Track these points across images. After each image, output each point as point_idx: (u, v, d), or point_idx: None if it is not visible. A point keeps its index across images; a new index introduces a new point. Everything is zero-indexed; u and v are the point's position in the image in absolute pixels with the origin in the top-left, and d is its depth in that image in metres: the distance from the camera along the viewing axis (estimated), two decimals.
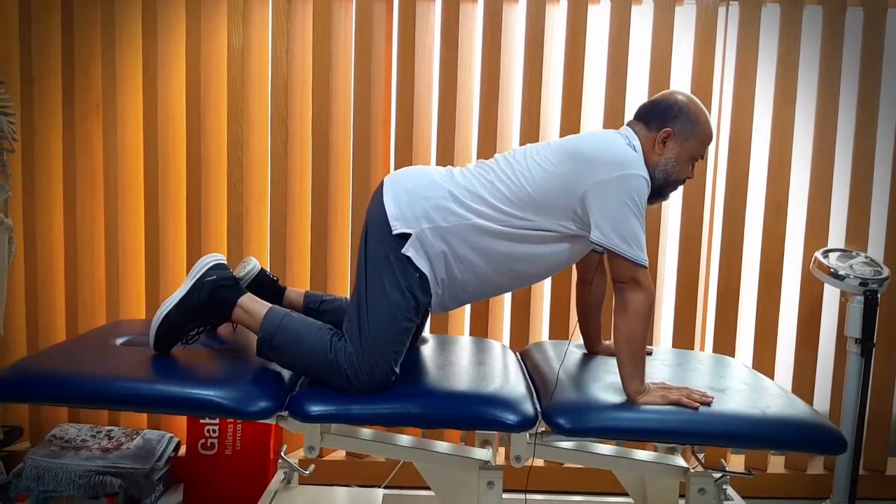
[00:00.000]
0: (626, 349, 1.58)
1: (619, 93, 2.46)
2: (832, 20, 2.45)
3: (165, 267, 2.53)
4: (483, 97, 2.46)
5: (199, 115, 2.48)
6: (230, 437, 2.37)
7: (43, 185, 2.52)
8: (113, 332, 1.82)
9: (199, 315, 1.61)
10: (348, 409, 1.52)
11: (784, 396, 1.70)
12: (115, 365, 1.54)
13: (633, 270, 1.57)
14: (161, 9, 2.46)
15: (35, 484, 2.17)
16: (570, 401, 1.57)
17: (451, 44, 2.44)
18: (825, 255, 2.37)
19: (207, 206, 2.52)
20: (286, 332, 1.58)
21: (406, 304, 1.59)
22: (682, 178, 1.73)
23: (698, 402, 1.56)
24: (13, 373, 1.49)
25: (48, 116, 2.51)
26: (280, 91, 2.47)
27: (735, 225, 2.50)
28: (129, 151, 2.53)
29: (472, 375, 1.69)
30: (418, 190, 1.63)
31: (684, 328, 2.52)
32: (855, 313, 2.28)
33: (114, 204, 2.51)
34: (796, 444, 1.54)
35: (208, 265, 1.64)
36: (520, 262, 1.64)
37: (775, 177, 2.49)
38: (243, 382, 1.50)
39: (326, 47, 2.45)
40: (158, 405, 1.45)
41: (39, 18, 2.47)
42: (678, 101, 1.69)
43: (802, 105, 2.54)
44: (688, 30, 2.52)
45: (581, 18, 2.43)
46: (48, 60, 2.49)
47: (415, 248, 1.59)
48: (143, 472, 2.24)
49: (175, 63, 2.51)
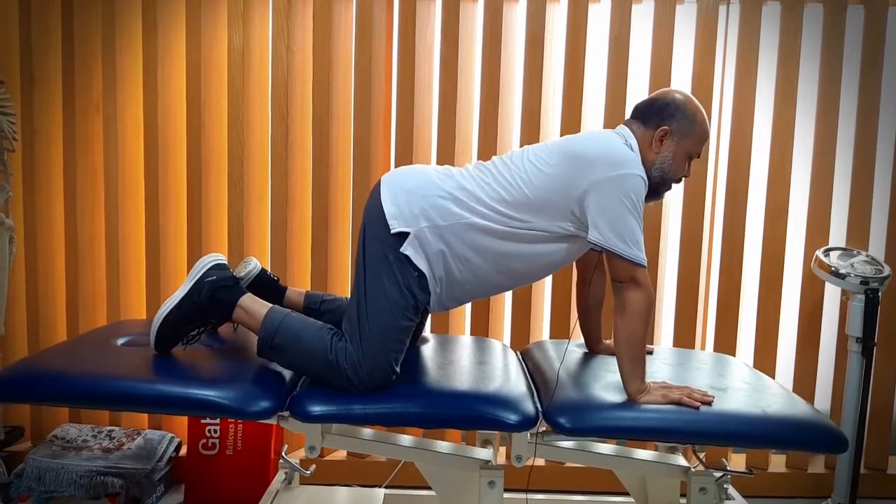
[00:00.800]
0: (626, 349, 1.58)
1: (620, 92, 2.45)
2: (833, 18, 2.44)
3: (166, 267, 2.53)
4: (483, 96, 2.46)
5: (199, 115, 2.47)
6: (231, 437, 2.37)
7: (43, 185, 2.52)
8: (114, 332, 1.82)
9: (199, 315, 1.61)
10: (349, 409, 1.52)
11: (785, 395, 1.70)
12: (116, 365, 1.54)
13: (632, 270, 1.57)
14: (161, 8, 2.46)
15: (36, 484, 2.18)
16: (570, 400, 1.57)
17: (451, 43, 2.44)
18: (826, 254, 2.37)
19: (208, 206, 2.52)
20: (286, 332, 1.58)
21: (405, 302, 1.59)
22: (679, 177, 1.73)
23: (699, 401, 1.56)
24: (14, 373, 1.49)
25: (49, 116, 2.51)
26: (280, 90, 2.47)
27: (736, 223, 2.50)
28: (129, 151, 2.53)
29: (472, 375, 1.69)
30: (416, 189, 1.63)
31: (685, 327, 2.52)
32: (856, 312, 2.28)
33: (114, 203, 2.51)
34: (797, 444, 1.54)
35: (208, 265, 1.64)
36: (518, 261, 1.64)
37: (776, 176, 2.49)
38: (244, 382, 1.50)
39: (327, 46, 2.45)
40: (159, 405, 1.45)
41: (39, 18, 2.47)
42: (675, 100, 1.69)
43: (803, 104, 2.54)
44: (688, 28, 2.52)
45: (581, 17, 2.43)
46: (48, 60, 2.49)
47: (413, 246, 1.59)
48: (145, 473, 2.24)
49: (175, 62, 2.51)
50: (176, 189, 2.54)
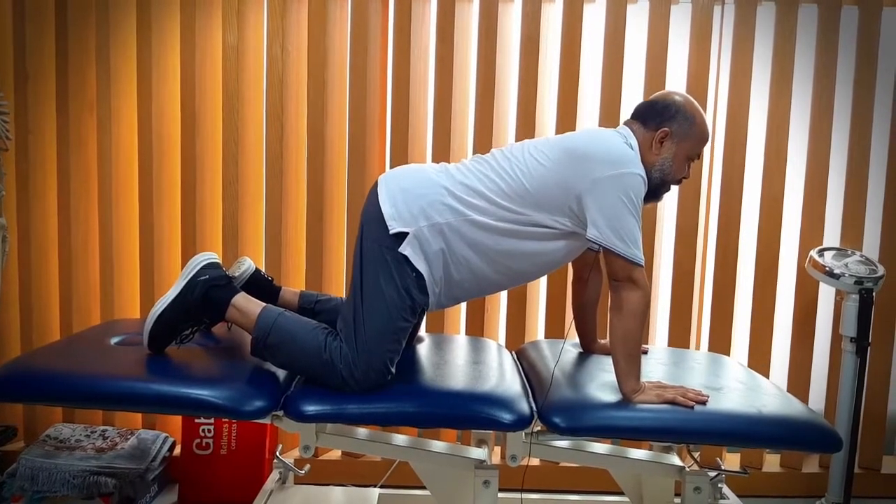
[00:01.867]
0: (621, 348, 1.58)
1: (615, 91, 2.45)
2: (827, 19, 2.45)
3: (160, 266, 2.52)
4: (479, 95, 2.46)
5: (193, 114, 2.47)
6: (225, 436, 2.36)
7: (37, 184, 2.51)
8: (107, 331, 1.82)
9: (192, 314, 1.61)
10: (344, 409, 1.52)
11: (779, 395, 1.70)
12: (109, 364, 1.53)
13: (629, 269, 1.57)
14: (156, 7, 2.45)
15: (29, 484, 2.17)
16: (565, 400, 1.57)
17: (446, 42, 2.44)
18: (820, 254, 2.37)
19: (202, 205, 2.51)
20: (280, 331, 1.57)
21: (402, 303, 1.58)
22: (679, 179, 1.74)
23: (694, 400, 1.56)
24: (7, 372, 1.48)
25: (42, 115, 2.50)
26: (275, 90, 2.46)
27: (730, 223, 2.50)
28: (123, 150, 2.52)
29: (467, 375, 1.69)
30: (414, 188, 1.63)
31: (680, 327, 2.52)
32: (850, 312, 2.29)
33: (108, 203, 2.50)
34: (791, 443, 1.55)
35: (201, 264, 1.63)
36: (516, 259, 1.64)
37: (771, 175, 2.50)
38: (238, 382, 1.50)
39: (322, 45, 2.45)
40: (153, 405, 1.45)
41: (33, 17, 2.45)
42: (675, 102, 1.70)
43: (798, 103, 2.54)
44: (683, 28, 2.52)
45: (577, 16, 2.43)
46: (42, 59, 2.48)
47: (412, 246, 1.59)
48: (138, 472, 2.23)
49: (170, 62, 2.50)
50: (170, 188, 2.53)
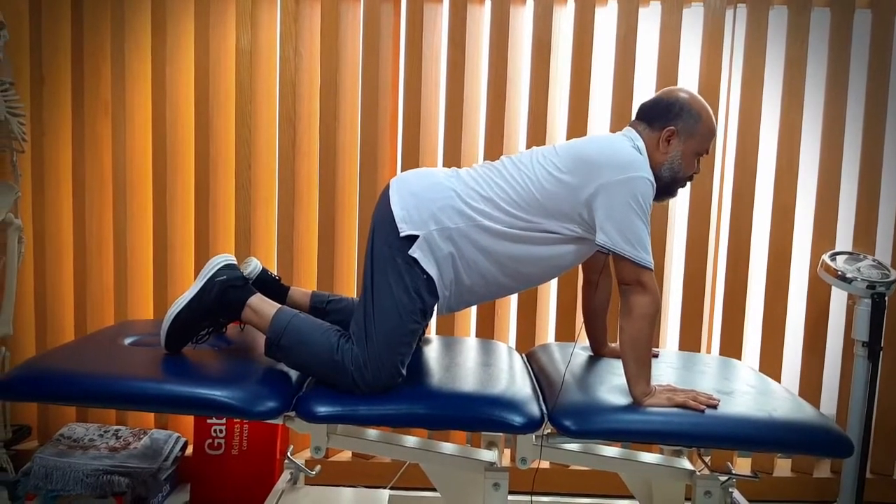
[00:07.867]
0: (631, 352, 1.58)
1: (627, 95, 2.45)
2: (840, 22, 2.44)
3: (173, 267, 2.54)
4: (490, 99, 2.47)
5: (207, 116, 2.49)
6: (237, 437, 2.38)
7: (52, 186, 2.53)
8: (121, 331, 1.83)
9: (209, 315, 1.62)
10: (355, 410, 1.53)
11: (791, 399, 1.69)
12: (122, 365, 1.54)
13: (638, 273, 1.57)
14: (170, 9, 2.47)
15: (43, 483, 2.19)
16: (575, 403, 1.57)
17: (458, 45, 2.45)
18: (832, 258, 2.36)
19: (215, 207, 2.53)
20: (294, 332, 1.58)
21: (413, 305, 1.59)
22: (689, 175, 1.73)
23: (704, 404, 1.55)
24: (22, 372, 1.50)
25: (57, 117, 2.52)
26: (288, 92, 2.48)
27: (742, 227, 2.49)
28: (137, 152, 2.54)
29: (478, 377, 1.69)
30: (425, 192, 1.63)
31: (690, 330, 2.51)
32: (862, 316, 2.27)
33: (122, 204, 2.52)
34: (803, 448, 1.54)
35: (218, 265, 1.65)
36: (526, 263, 1.65)
37: (782, 179, 2.49)
38: (250, 382, 1.51)
39: (334, 49, 2.46)
40: (166, 405, 1.46)
41: (49, 18, 2.48)
42: (679, 99, 1.69)
43: (810, 107, 2.53)
44: (695, 32, 2.52)
45: (588, 20, 2.43)
46: (58, 61, 2.50)
47: (422, 249, 1.59)
48: (151, 472, 2.25)
49: (184, 64, 2.52)
50: (184, 190, 2.55)
